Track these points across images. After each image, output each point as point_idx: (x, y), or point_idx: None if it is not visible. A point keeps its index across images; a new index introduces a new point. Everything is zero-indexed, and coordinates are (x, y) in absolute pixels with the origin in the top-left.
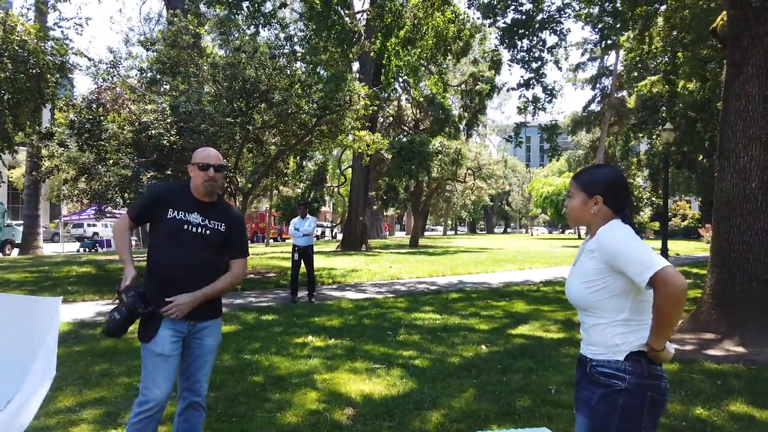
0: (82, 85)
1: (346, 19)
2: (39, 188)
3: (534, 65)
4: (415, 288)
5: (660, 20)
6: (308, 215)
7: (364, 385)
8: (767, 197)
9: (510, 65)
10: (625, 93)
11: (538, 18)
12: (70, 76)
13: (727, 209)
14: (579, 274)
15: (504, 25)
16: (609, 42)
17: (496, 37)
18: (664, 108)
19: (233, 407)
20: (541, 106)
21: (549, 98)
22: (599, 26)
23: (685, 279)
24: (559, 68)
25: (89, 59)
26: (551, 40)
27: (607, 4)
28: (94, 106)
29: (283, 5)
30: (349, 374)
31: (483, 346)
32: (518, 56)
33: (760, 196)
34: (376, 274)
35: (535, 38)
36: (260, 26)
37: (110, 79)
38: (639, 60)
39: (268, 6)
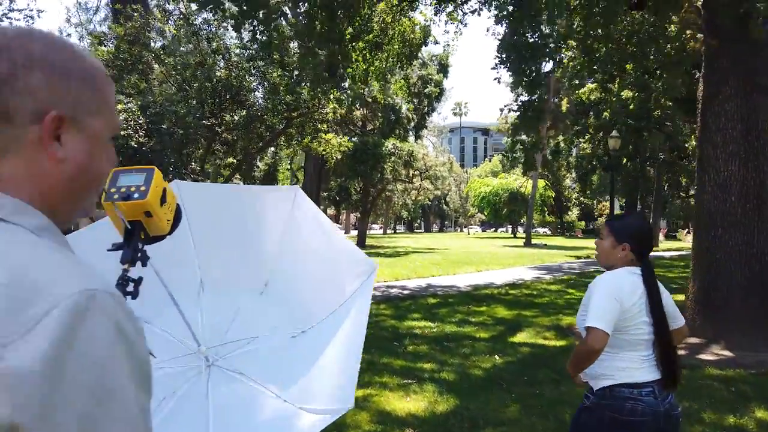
0: None
1: None
2: None
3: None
4: (389, 293)
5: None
6: None
7: (405, 402)
8: (746, 209)
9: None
10: (557, 99)
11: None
12: None
13: (709, 220)
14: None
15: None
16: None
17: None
18: (591, 113)
19: None
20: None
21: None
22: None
23: (599, 347)
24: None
25: None
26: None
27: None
28: None
29: (284, 15)
30: (384, 390)
31: (496, 357)
32: (523, 81)
33: (740, 209)
34: None
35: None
36: (259, 33)
37: None
38: (579, 69)
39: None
